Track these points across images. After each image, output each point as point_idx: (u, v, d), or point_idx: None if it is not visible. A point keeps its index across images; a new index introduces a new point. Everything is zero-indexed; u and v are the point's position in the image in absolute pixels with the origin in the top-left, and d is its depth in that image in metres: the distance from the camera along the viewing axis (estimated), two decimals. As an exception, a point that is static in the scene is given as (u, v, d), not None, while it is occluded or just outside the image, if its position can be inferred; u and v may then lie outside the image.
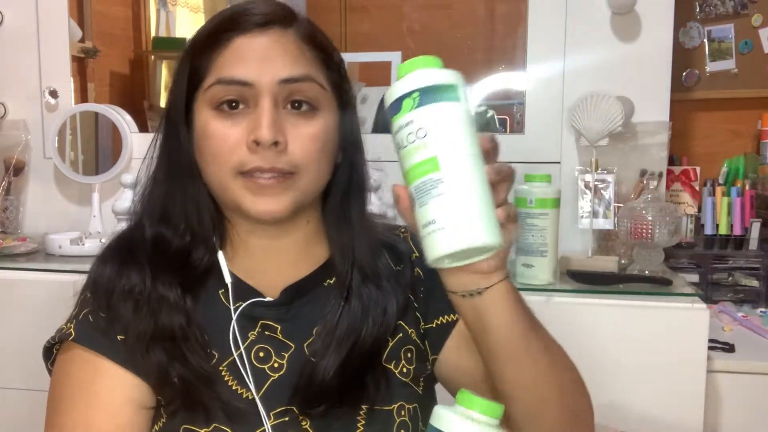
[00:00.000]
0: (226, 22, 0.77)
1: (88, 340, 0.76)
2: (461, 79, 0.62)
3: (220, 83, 0.74)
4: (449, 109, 0.60)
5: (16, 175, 1.76)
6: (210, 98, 0.75)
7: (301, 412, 0.76)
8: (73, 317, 0.78)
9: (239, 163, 0.74)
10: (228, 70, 0.74)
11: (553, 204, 1.32)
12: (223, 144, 0.74)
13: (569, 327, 1.26)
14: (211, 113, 0.75)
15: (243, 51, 0.75)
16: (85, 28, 1.92)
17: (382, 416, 0.78)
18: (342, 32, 2.25)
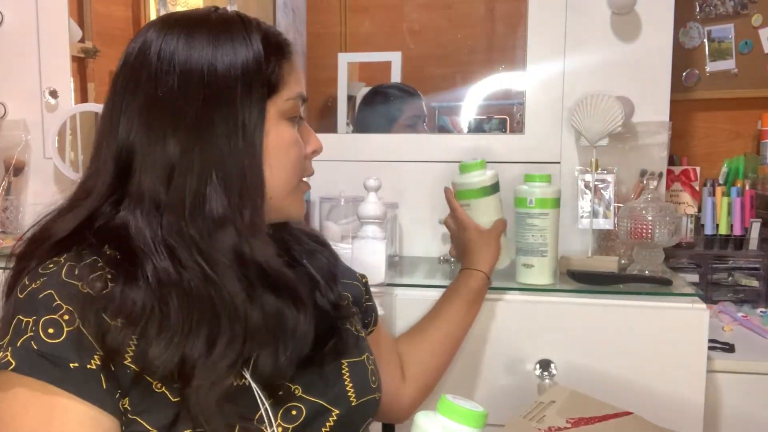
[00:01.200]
0: (283, 39, 0.83)
1: (34, 369, 0.68)
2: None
3: (299, 98, 0.82)
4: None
5: (16, 175, 1.76)
6: (287, 110, 0.81)
7: (291, 381, 0.79)
8: (7, 345, 0.69)
9: (305, 170, 0.86)
10: (301, 86, 0.83)
11: (553, 204, 1.32)
12: (300, 153, 0.83)
13: (569, 327, 1.26)
14: (288, 123, 0.82)
15: (299, 70, 0.84)
16: (85, 28, 1.91)
17: (359, 367, 0.89)
18: (342, 32, 2.24)
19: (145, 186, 0.76)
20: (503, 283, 1.34)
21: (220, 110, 0.76)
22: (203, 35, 0.78)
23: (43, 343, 0.68)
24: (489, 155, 1.59)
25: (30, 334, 0.69)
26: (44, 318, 0.70)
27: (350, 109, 2.10)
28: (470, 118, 2.02)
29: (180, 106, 0.76)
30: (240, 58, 0.78)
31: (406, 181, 1.62)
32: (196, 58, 0.77)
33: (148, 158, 0.76)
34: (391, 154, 1.66)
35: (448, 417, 0.66)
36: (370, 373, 0.90)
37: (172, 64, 0.77)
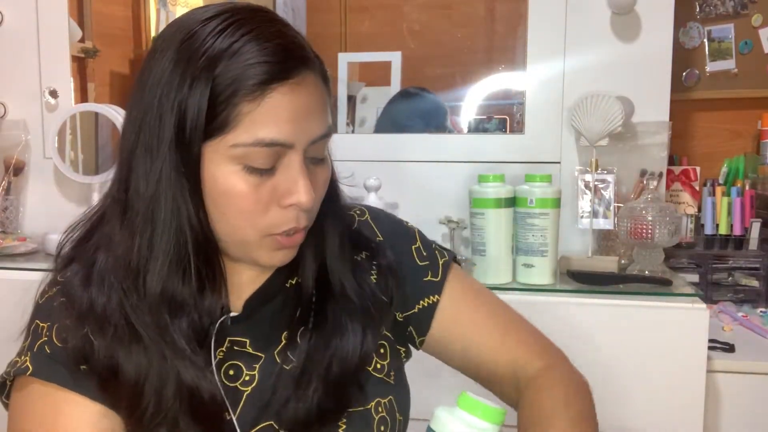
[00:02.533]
0: (257, 68, 0.66)
1: (49, 373, 0.72)
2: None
3: (259, 145, 0.67)
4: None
5: (16, 175, 1.76)
6: (239, 156, 0.67)
7: (280, 426, 0.75)
8: (27, 349, 0.74)
9: (270, 225, 0.70)
10: (269, 131, 0.67)
11: (553, 204, 1.32)
12: (255, 205, 0.69)
13: (569, 327, 1.26)
14: (236, 169, 0.68)
15: (284, 108, 0.67)
16: (85, 28, 1.91)
17: (361, 417, 0.79)
18: (342, 32, 2.24)
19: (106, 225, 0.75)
20: (503, 283, 1.34)
21: (145, 136, 0.69)
22: (171, 53, 0.69)
23: (56, 348, 0.72)
24: (489, 155, 1.60)
25: (45, 339, 0.73)
26: (57, 324, 0.73)
27: (350, 109, 2.10)
28: (470, 118, 2.02)
29: (124, 130, 0.72)
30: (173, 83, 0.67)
31: (406, 181, 1.62)
32: (153, 83, 0.69)
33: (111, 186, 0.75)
34: (391, 154, 1.66)
35: (468, 412, 0.66)
36: (376, 424, 0.79)
37: (137, 84, 0.71)
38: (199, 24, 0.69)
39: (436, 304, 0.87)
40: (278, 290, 0.80)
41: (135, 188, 0.70)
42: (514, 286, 1.34)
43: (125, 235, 0.71)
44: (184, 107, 0.67)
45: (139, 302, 0.70)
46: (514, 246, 1.36)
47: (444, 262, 0.89)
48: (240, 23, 0.68)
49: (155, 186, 0.69)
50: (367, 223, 0.89)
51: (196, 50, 0.67)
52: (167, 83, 0.68)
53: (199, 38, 0.68)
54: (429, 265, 0.88)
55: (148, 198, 0.69)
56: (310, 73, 0.69)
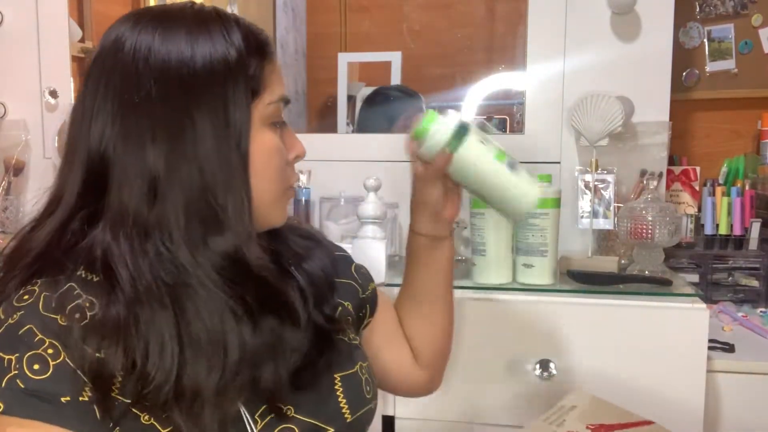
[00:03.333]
0: (262, 41, 0.77)
1: (23, 409, 0.64)
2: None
3: (281, 101, 0.77)
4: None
5: (16, 175, 1.76)
6: (270, 114, 0.76)
7: (282, 402, 0.76)
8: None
9: (290, 178, 0.80)
10: (282, 89, 0.78)
11: (553, 204, 1.32)
12: (283, 160, 0.78)
13: (569, 327, 1.26)
14: (270, 129, 0.76)
15: (279, 72, 0.79)
16: (85, 28, 1.91)
17: (353, 380, 0.85)
18: (342, 32, 2.25)
19: (125, 203, 0.70)
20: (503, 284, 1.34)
21: (203, 114, 0.70)
22: (181, 31, 0.72)
23: (30, 380, 0.65)
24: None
25: (15, 372, 0.65)
26: (27, 354, 0.66)
27: (350, 109, 2.10)
28: (470, 118, 2.02)
29: (158, 110, 0.70)
30: (220, 55, 0.72)
31: (406, 181, 1.62)
32: (175, 55, 0.70)
33: (127, 171, 0.70)
34: (391, 154, 1.65)
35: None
36: (364, 383, 0.86)
37: (147, 64, 0.70)
38: (191, 35, 0.74)
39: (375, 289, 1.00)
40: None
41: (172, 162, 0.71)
42: (514, 286, 1.34)
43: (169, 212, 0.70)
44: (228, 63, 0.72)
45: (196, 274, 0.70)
46: (514, 246, 1.36)
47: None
48: (225, 20, 0.76)
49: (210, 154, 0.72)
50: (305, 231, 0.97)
51: (204, 14, 0.75)
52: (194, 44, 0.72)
53: (186, 11, 0.76)
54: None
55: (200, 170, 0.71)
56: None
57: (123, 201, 0.70)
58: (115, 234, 0.69)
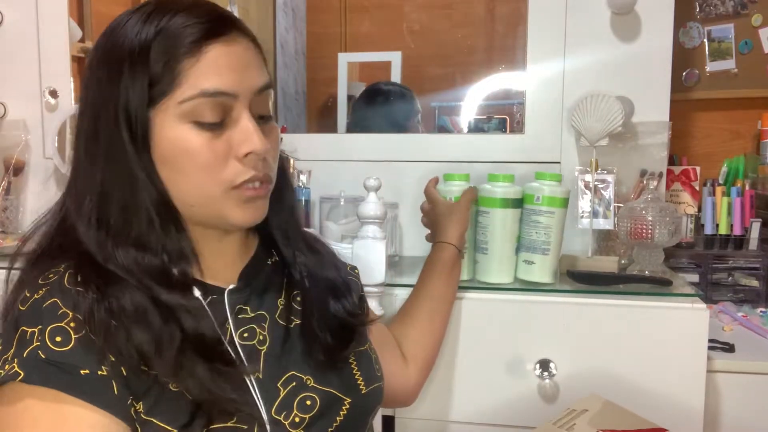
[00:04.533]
0: (193, 26, 0.72)
1: (43, 378, 0.66)
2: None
3: (204, 96, 0.72)
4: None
5: (16, 175, 1.76)
6: (188, 111, 0.72)
7: (302, 372, 0.82)
8: (13, 357, 0.68)
9: (233, 176, 0.75)
10: (211, 82, 0.72)
11: (560, 203, 1.32)
12: (213, 159, 0.73)
13: (569, 327, 1.26)
14: (189, 127, 0.72)
15: (222, 60, 0.73)
16: (85, 28, 1.91)
17: (364, 356, 0.91)
18: (342, 32, 2.25)
19: (68, 201, 0.80)
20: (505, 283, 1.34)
21: (101, 111, 0.73)
22: (121, 20, 0.75)
23: (52, 351, 0.67)
24: (489, 155, 1.60)
25: (36, 344, 0.68)
26: (50, 326, 0.68)
27: (350, 109, 2.10)
28: (470, 118, 2.03)
29: (81, 105, 0.76)
30: (124, 47, 0.72)
31: (406, 181, 1.62)
32: (99, 44, 0.76)
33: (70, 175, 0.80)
34: (391, 154, 1.66)
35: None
36: (374, 362, 0.92)
37: (89, 61, 0.76)
38: (125, 20, 0.75)
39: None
40: (263, 266, 0.88)
41: (88, 177, 0.76)
42: (515, 285, 1.34)
43: (92, 225, 0.75)
44: (127, 94, 0.72)
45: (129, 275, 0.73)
46: (519, 244, 1.35)
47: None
48: (161, 8, 0.74)
49: (113, 170, 0.74)
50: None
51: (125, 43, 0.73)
52: (107, 80, 0.73)
53: (126, 32, 0.74)
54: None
55: (101, 183, 0.75)
56: (241, 34, 0.76)
57: (67, 198, 0.80)
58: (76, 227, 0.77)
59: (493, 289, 1.32)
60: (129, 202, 0.74)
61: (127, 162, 0.73)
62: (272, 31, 2.16)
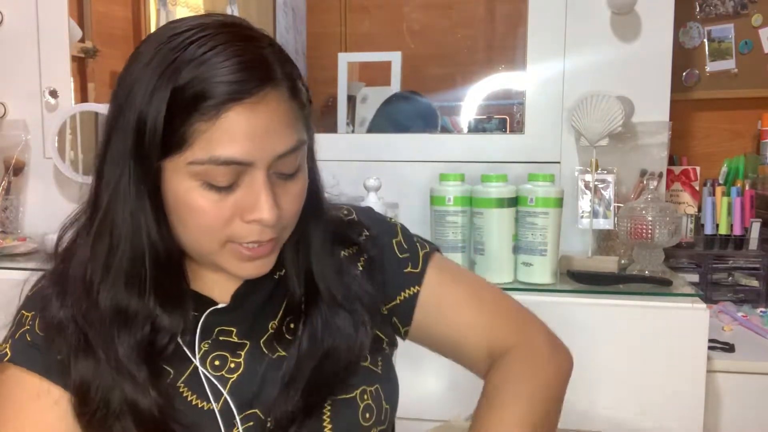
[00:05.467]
0: (212, 89, 0.66)
1: (24, 360, 0.74)
2: None
3: (215, 163, 0.67)
4: None
5: (16, 175, 1.76)
6: (197, 174, 0.68)
7: (265, 415, 0.76)
8: (9, 337, 0.77)
9: (232, 236, 0.71)
10: (224, 149, 0.67)
11: (555, 204, 1.32)
12: (215, 220, 0.70)
13: (569, 327, 1.26)
14: (195, 185, 0.69)
15: (239, 128, 0.67)
16: (85, 28, 1.91)
17: (345, 405, 0.79)
18: (342, 32, 2.25)
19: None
20: (504, 283, 1.34)
21: (112, 144, 0.71)
22: (137, 63, 0.72)
23: (36, 336, 0.75)
24: (489, 155, 1.60)
25: (27, 328, 0.76)
26: (40, 315, 0.75)
27: (350, 109, 2.10)
28: (470, 118, 2.03)
29: (103, 131, 0.73)
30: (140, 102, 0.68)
31: (406, 181, 1.62)
32: (120, 78, 0.73)
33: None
34: (391, 154, 1.66)
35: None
36: (361, 411, 0.80)
37: (114, 91, 0.73)
38: (167, 38, 0.70)
39: (417, 294, 0.88)
40: (264, 282, 0.80)
41: (98, 197, 0.73)
42: (515, 285, 1.34)
43: (85, 245, 0.74)
44: (145, 120, 0.68)
45: (89, 313, 0.72)
46: (515, 245, 1.36)
47: (424, 254, 0.91)
48: (205, 38, 0.69)
49: (114, 197, 0.71)
50: (352, 222, 0.90)
51: (160, 63, 0.69)
52: (134, 95, 0.69)
53: (164, 51, 0.69)
54: (409, 257, 0.90)
55: (107, 209, 0.72)
56: (272, 90, 0.69)
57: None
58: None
59: (493, 289, 1.32)
60: (130, 241, 0.72)
61: (137, 201, 0.71)
62: (272, 31, 2.16)
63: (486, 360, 0.88)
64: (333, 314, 0.80)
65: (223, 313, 0.79)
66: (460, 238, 1.38)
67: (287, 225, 0.75)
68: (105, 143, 0.72)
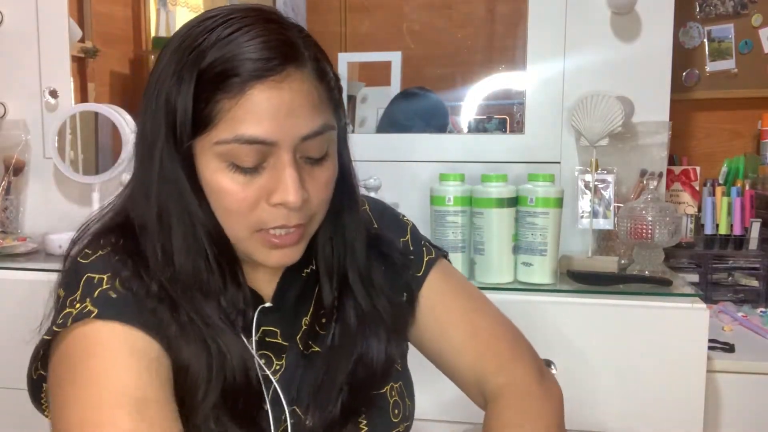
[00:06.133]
0: (237, 66, 0.67)
1: (116, 314, 0.69)
2: None
3: (239, 142, 0.68)
4: None
5: (16, 175, 1.76)
6: (224, 154, 0.69)
7: (304, 414, 0.77)
8: (82, 297, 0.70)
9: (259, 221, 0.71)
10: (248, 128, 0.67)
11: (555, 204, 1.32)
12: (241, 203, 0.70)
13: (569, 327, 1.26)
14: (222, 166, 0.70)
15: (263, 107, 0.67)
16: (85, 28, 1.91)
17: (379, 400, 0.81)
18: (342, 32, 2.24)
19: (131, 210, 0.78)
20: (504, 283, 1.34)
21: (146, 135, 0.73)
22: (170, 52, 0.72)
23: (122, 292, 0.71)
24: (489, 155, 1.60)
25: (107, 286, 0.71)
26: (120, 276, 0.72)
27: (350, 109, 2.10)
28: (470, 118, 2.02)
29: (138, 123, 0.76)
30: (169, 85, 0.70)
31: (406, 181, 1.62)
32: (153, 82, 0.73)
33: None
34: (391, 154, 1.66)
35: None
36: (391, 407, 0.83)
37: (147, 85, 0.74)
38: (197, 22, 0.72)
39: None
40: (296, 279, 0.81)
41: (142, 183, 0.74)
42: (515, 285, 1.34)
43: (143, 222, 0.74)
44: (174, 103, 0.69)
45: (174, 279, 0.72)
46: (516, 245, 1.36)
47: (429, 259, 0.91)
48: (232, 21, 0.70)
49: (160, 181, 0.72)
50: (366, 213, 0.90)
51: (188, 46, 0.70)
52: (163, 80, 0.71)
53: (192, 35, 0.71)
54: (413, 260, 0.90)
55: (158, 192, 0.72)
56: (296, 71, 0.69)
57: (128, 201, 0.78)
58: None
59: (492, 289, 1.32)
60: (183, 222, 0.72)
61: (177, 185, 0.72)
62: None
63: (474, 385, 0.89)
64: (367, 320, 0.81)
65: (268, 312, 0.79)
66: (460, 238, 1.38)
67: (315, 213, 0.75)
68: (141, 129, 0.74)
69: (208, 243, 0.73)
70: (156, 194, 0.72)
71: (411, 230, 0.93)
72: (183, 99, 0.69)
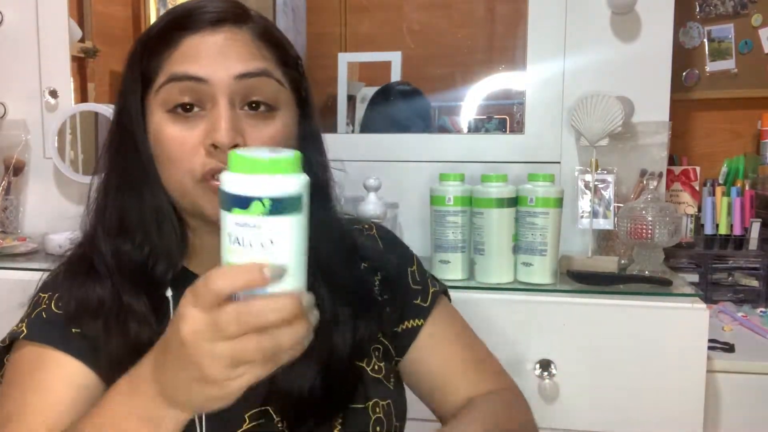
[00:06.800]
0: (176, 21, 0.73)
1: (38, 335, 0.76)
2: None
3: (173, 80, 0.71)
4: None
5: (16, 175, 1.76)
6: (163, 100, 0.72)
7: (276, 413, 0.75)
8: (25, 317, 0.79)
9: (198, 165, 0.72)
10: (180, 66, 0.71)
11: (555, 204, 1.32)
12: (180, 148, 0.72)
13: (569, 327, 1.26)
14: (165, 116, 0.72)
15: (195, 49, 0.72)
16: (85, 28, 1.91)
17: (358, 414, 0.79)
18: (342, 32, 2.25)
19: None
20: (504, 283, 1.34)
21: (119, 113, 0.78)
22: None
23: (52, 313, 0.77)
24: (489, 155, 1.60)
25: (43, 307, 0.78)
26: (57, 294, 0.78)
27: (350, 109, 2.10)
28: (470, 118, 2.02)
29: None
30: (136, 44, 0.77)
31: (406, 181, 1.62)
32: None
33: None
34: (391, 154, 1.66)
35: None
36: (372, 424, 0.80)
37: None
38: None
39: (420, 328, 0.89)
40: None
41: (104, 173, 0.79)
42: (515, 285, 1.34)
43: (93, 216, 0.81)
44: (132, 80, 0.75)
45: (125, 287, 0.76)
46: (516, 245, 1.36)
47: (434, 291, 0.92)
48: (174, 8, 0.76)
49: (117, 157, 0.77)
50: (372, 236, 0.91)
51: (161, 19, 0.77)
52: (135, 51, 0.77)
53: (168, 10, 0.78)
54: (420, 290, 0.91)
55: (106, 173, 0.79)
56: (236, 27, 0.73)
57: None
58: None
59: (492, 289, 1.32)
60: (125, 193, 0.77)
61: (125, 152, 0.76)
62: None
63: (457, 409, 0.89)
64: (335, 298, 0.78)
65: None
66: (460, 238, 1.38)
67: None
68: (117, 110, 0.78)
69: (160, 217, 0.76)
70: (123, 165, 0.77)
71: (416, 261, 0.94)
72: (141, 64, 0.74)
